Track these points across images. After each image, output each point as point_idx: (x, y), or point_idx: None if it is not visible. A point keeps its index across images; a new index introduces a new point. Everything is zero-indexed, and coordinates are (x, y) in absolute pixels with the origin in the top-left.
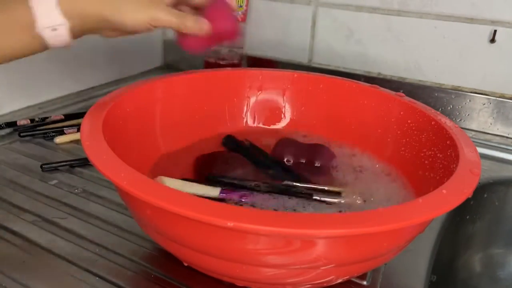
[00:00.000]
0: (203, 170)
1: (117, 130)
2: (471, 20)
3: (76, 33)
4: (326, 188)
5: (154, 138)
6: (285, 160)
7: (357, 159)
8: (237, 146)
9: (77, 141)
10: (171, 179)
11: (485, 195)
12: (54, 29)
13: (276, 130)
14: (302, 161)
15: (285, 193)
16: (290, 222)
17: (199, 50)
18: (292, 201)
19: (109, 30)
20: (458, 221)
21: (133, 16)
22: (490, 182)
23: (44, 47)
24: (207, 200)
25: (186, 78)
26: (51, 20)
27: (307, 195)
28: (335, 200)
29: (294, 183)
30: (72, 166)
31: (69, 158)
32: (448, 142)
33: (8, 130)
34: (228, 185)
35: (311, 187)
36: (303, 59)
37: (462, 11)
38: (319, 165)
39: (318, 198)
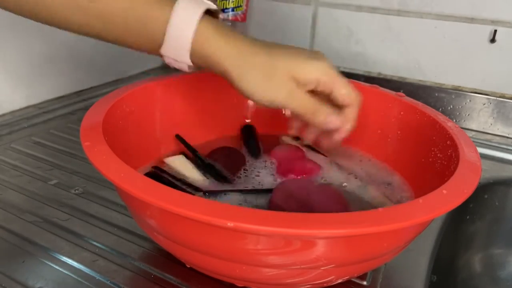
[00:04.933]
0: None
1: (117, 130)
2: (471, 20)
3: (199, 67)
4: None
5: (154, 138)
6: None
7: (357, 159)
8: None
9: None
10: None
11: (485, 195)
12: (175, 60)
13: (276, 131)
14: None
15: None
16: (290, 222)
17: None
18: None
19: None
20: (458, 221)
21: (256, 89)
22: (490, 182)
23: (160, 55)
24: (207, 200)
25: (186, 78)
26: (176, 54)
27: None
28: None
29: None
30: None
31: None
32: (448, 142)
33: (7, 130)
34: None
35: None
36: None
37: (462, 11)
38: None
39: None
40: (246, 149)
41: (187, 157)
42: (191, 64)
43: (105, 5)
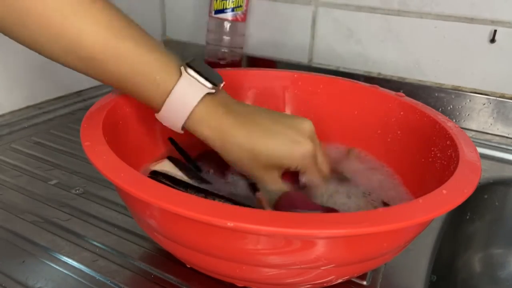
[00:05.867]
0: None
1: (117, 130)
2: (471, 20)
3: None
4: None
5: (154, 138)
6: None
7: (356, 159)
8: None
9: None
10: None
11: (485, 195)
12: (170, 127)
13: None
14: None
15: None
16: (290, 222)
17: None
18: None
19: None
20: (458, 221)
21: (236, 165)
22: (490, 182)
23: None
24: (207, 200)
25: None
26: (169, 124)
27: None
28: None
29: None
30: None
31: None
32: (448, 142)
33: (7, 130)
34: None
35: None
36: (303, 59)
37: (462, 11)
38: None
39: None
40: None
41: (172, 161)
42: (181, 132)
43: (106, 65)
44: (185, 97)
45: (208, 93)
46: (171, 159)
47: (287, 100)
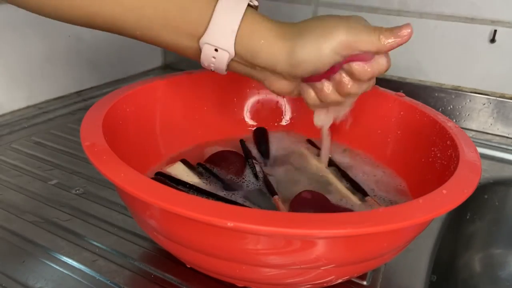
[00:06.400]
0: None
1: (117, 130)
2: (471, 20)
3: (237, 67)
4: None
5: (154, 138)
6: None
7: (357, 159)
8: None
9: None
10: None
11: (485, 195)
12: (216, 50)
13: (276, 131)
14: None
15: None
16: (290, 222)
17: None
18: None
19: (276, 77)
20: (458, 221)
21: (317, 47)
22: (490, 182)
23: (196, 57)
24: (207, 200)
25: (186, 78)
26: (219, 41)
27: None
28: None
29: None
30: None
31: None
32: (448, 142)
33: (7, 130)
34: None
35: None
36: None
37: (462, 11)
38: None
39: None
40: (258, 152)
41: (185, 164)
42: (233, 53)
43: None
44: (231, 9)
45: (250, 6)
46: (184, 162)
47: (287, 100)
